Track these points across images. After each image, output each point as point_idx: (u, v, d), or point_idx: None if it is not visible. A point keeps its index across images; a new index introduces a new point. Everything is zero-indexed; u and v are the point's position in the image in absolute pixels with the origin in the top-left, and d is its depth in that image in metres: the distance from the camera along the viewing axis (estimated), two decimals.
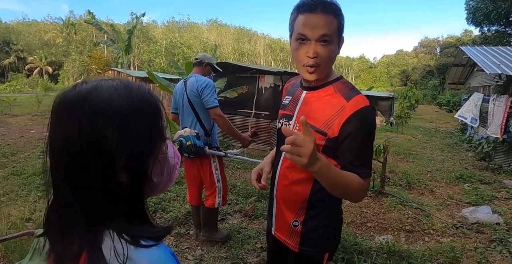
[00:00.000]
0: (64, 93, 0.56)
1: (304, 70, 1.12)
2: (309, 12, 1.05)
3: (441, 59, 42.35)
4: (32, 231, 1.57)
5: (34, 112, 12.66)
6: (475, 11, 17.02)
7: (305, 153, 0.84)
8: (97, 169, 0.53)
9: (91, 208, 0.54)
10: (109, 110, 0.53)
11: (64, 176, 0.54)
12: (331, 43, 1.08)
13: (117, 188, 0.55)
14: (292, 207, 1.26)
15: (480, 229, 3.44)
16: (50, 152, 0.56)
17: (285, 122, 1.29)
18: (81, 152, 0.52)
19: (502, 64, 6.93)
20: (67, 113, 0.53)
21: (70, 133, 0.51)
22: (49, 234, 0.59)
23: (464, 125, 10.71)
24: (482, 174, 5.72)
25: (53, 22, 51.59)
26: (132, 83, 0.59)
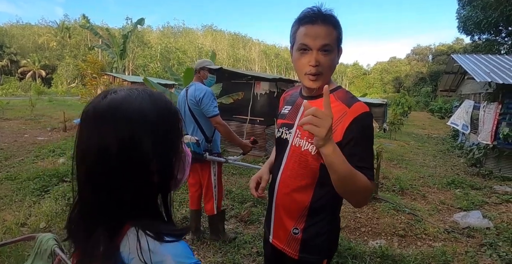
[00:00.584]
0: (95, 103, 0.60)
1: (306, 78, 1.17)
2: (310, 24, 1.11)
3: (433, 66, 42.94)
4: (34, 235, 1.61)
5: (27, 116, 12.53)
6: (466, 20, 17.37)
7: (324, 125, 0.87)
8: (134, 173, 0.58)
9: (121, 210, 0.59)
10: (142, 118, 0.58)
11: (98, 181, 0.58)
12: (331, 53, 1.14)
13: (149, 189, 0.60)
14: (292, 214, 1.27)
15: (471, 234, 3.52)
16: (81, 159, 0.59)
17: (286, 131, 1.31)
18: (120, 158, 0.57)
19: (491, 72, 7.11)
20: (103, 122, 0.58)
21: (107, 141, 0.56)
22: (73, 236, 0.63)
23: (455, 132, 10.89)
24: (473, 180, 5.84)
25: (47, 25, 51.35)
26: (153, 91, 0.65)
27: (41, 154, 6.38)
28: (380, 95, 47.60)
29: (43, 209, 3.67)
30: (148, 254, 0.55)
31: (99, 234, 0.58)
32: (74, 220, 0.64)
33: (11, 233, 3.19)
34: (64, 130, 9.48)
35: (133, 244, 0.56)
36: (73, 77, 41.01)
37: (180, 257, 0.57)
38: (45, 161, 5.89)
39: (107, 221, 0.59)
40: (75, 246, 0.65)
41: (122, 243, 0.58)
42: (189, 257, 0.58)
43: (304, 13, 1.14)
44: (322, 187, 1.20)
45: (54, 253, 1.43)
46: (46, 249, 1.44)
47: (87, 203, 0.61)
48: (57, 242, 1.50)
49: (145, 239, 0.57)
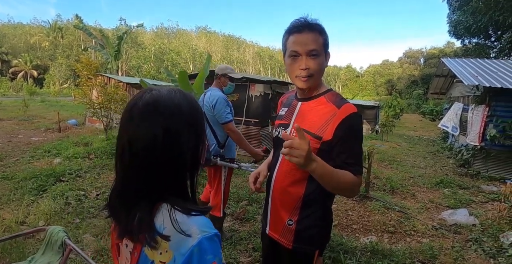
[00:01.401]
0: (141, 97, 0.72)
1: (298, 80, 1.29)
2: (298, 33, 1.25)
3: (425, 69, 43.60)
4: (44, 227, 1.70)
5: (20, 116, 12.46)
6: (456, 25, 17.74)
7: (301, 154, 1.01)
8: (174, 158, 0.70)
9: (156, 191, 0.71)
10: (181, 113, 0.71)
11: (142, 166, 0.70)
12: (319, 56, 1.26)
13: (183, 172, 0.73)
14: (287, 207, 1.37)
15: (458, 230, 3.67)
16: (128, 146, 0.70)
17: (282, 131, 1.42)
18: (165, 145, 0.69)
19: (479, 76, 7.32)
20: (151, 114, 0.69)
21: (155, 130, 0.68)
22: (114, 213, 0.76)
23: (446, 133, 11.12)
24: (462, 180, 6.02)
25: (39, 25, 50.85)
26: (185, 91, 0.78)
27: (36, 154, 6.40)
28: (373, 97, 48.09)
29: (41, 208, 3.72)
30: (177, 224, 0.67)
31: (137, 211, 0.70)
32: (114, 200, 0.76)
33: (10, 231, 3.25)
34: (58, 130, 9.47)
35: (165, 217, 0.68)
36: (66, 78, 40.66)
37: (204, 227, 0.68)
38: (41, 161, 5.92)
39: (144, 200, 0.71)
40: (114, 222, 0.78)
41: (156, 217, 0.70)
42: (210, 227, 0.69)
43: (292, 23, 1.28)
44: (314, 180, 1.28)
45: (65, 244, 1.52)
46: (56, 240, 1.53)
47: (128, 186, 0.73)
48: (67, 234, 1.59)
49: (174, 212, 0.69)
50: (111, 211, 0.77)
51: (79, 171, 5.21)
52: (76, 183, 4.70)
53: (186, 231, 0.66)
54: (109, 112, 7.95)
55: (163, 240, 0.67)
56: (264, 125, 7.24)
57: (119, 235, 0.75)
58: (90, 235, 3.22)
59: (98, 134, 8.59)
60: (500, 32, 17.16)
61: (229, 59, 52.70)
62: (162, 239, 0.67)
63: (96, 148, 6.67)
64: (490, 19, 14.96)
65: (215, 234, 0.69)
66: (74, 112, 15.31)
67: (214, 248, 0.67)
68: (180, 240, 0.66)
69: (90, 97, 7.79)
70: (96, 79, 7.94)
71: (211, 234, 0.68)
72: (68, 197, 4.11)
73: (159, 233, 0.67)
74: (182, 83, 4.63)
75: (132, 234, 0.71)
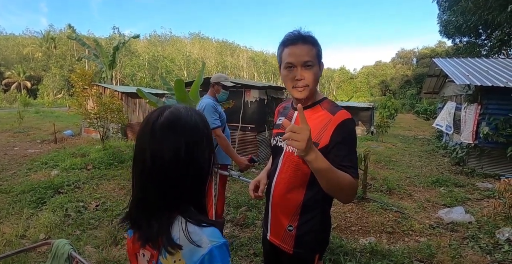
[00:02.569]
0: (162, 116, 0.78)
1: (294, 90, 1.34)
2: (292, 45, 1.31)
3: (417, 69, 44.05)
4: (50, 241, 1.73)
5: (15, 128, 12.41)
6: (447, 24, 17.99)
7: (302, 138, 1.02)
8: (193, 169, 0.78)
9: (173, 202, 0.77)
10: (199, 128, 0.79)
11: (162, 178, 0.76)
12: (313, 67, 1.31)
13: (199, 182, 0.80)
14: (287, 213, 1.40)
15: (454, 228, 3.74)
16: (151, 161, 0.76)
17: (280, 139, 1.44)
18: (186, 157, 0.76)
19: (470, 75, 7.45)
20: (173, 131, 0.76)
21: (178, 145, 0.75)
22: (134, 222, 0.83)
23: (440, 132, 11.25)
24: (457, 178, 6.10)
25: (32, 36, 50.72)
26: (196, 109, 0.86)
27: (33, 166, 6.38)
28: (367, 98, 48.41)
29: (41, 221, 3.73)
30: (188, 234, 0.74)
31: (156, 220, 0.77)
32: (133, 210, 0.82)
33: (11, 245, 3.24)
34: (54, 142, 9.45)
35: (179, 227, 0.75)
36: (60, 88, 40.51)
37: (213, 237, 0.74)
38: (38, 173, 5.90)
39: (163, 210, 0.77)
40: (134, 231, 0.84)
41: (172, 227, 0.76)
42: (219, 237, 0.75)
43: (286, 36, 1.33)
44: (312, 187, 1.34)
45: (71, 257, 1.55)
46: (63, 253, 1.56)
47: (148, 196, 0.79)
48: (72, 247, 1.62)
49: (187, 224, 0.76)
50: (131, 220, 0.83)
51: (78, 182, 5.21)
52: (75, 194, 4.70)
53: (197, 241, 0.72)
54: (106, 122, 7.96)
55: (176, 248, 0.73)
56: (261, 130, 7.30)
57: (141, 244, 0.81)
58: (91, 247, 3.23)
59: (94, 144, 8.57)
60: (490, 30, 17.43)
61: (223, 65, 52.86)
62: (176, 248, 0.73)
63: (93, 158, 6.67)
64: (480, 18, 15.20)
65: (224, 243, 0.75)
66: (70, 122, 15.25)
67: (223, 256, 0.73)
68: (192, 249, 0.72)
69: (85, 108, 7.80)
70: (92, 89, 7.95)
71: (220, 243, 0.74)
72: (68, 209, 4.11)
73: (174, 243, 0.74)
74: (179, 91, 4.67)
75: (151, 242, 0.78)
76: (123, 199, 4.54)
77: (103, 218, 3.91)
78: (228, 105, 6.07)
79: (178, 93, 4.69)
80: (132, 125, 10.50)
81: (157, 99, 5.54)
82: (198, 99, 4.89)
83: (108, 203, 4.39)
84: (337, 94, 56.18)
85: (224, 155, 3.02)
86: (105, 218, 3.92)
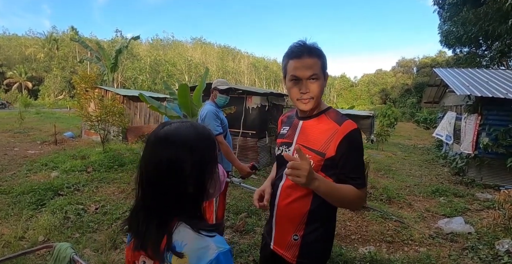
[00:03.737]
0: (156, 131, 0.85)
1: (300, 102, 1.34)
2: (297, 58, 1.29)
3: (417, 78, 44.18)
4: (51, 244, 1.73)
5: (16, 129, 12.41)
6: (447, 35, 18.11)
7: (302, 174, 1.08)
8: (176, 183, 0.80)
9: (169, 210, 0.81)
10: (184, 145, 0.80)
11: (154, 187, 0.81)
12: (318, 79, 1.30)
13: (186, 196, 0.82)
14: (292, 222, 1.39)
15: (454, 239, 3.73)
16: (144, 170, 0.82)
17: (285, 149, 1.45)
18: (167, 171, 0.79)
19: (471, 86, 7.50)
20: (159, 145, 0.81)
21: (160, 159, 0.80)
22: (132, 228, 0.86)
23: (440, 142, 11.27)
24: (456, 188, 6.11)
25: (34, 37, 50.96)
26: (198, 125, 0.88)
27: (33, 167, 6.38)
28: (368, 106, 48.52)
29: (40, 223, 3.71)
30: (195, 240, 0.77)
31: (153, 227, 0.80)
32: (134, 216, 0.85)
33: (10, 247, 3.23)
34: (55, 143, 9.45)
35: (184, 234, 0.78)
36: (61, 89, 40.61)
37: (219, 243, 0.77)
38: (38, 174, 5.90)
39: (159, 217, 0.81)
40: (132, 236, 0.87)
41: (174, 234, 0.78)
42: (225, 244, 0.79)
43: (291, 48, 1.32)
44: (318, 196, 1.32)
45: (73, 260, 1.55)
46: (65, 256, 1.56)
47: (147, 203, 0.83)
48: (74, 251, 1.62)
49: (191, 230, 0.79)
50: (130, 226, 0.87)
51: (77, 184, 5.21)
52: (74, 197, 4.69)
53: (205, 247, 0.76)
54: (107, 125, 7.98)
55: (182, 255, 0.75)
56: (261, 136, 7.31)
57: (134, 249, 0.84)
58: (90, 250, 3.22)
59: (95, 147, 8.57)
60: (490, 41, 17.53)
61: (224, 70, 53.08)
62: (177, 256, 0.75)
63: (93, 161, 6.67)
64: (480, 29, 15.32)
65: (229, 250, 0.78)
66: (70, 124, 15.28)
67: (228, 262, 0.76)
68: (199, 255, 0.75)
69: (87, 110, 7.83)
70: (94, 91, 7.98)
71: (226, 249, 0.77)
72: (67, 211, 4.11)
73: (174, 251, 0.76)
74: (182, 96, 4.68)
75: (148, 250, 0.80)
76: (122, 202, 4.54)
77: (102, 222, 3.90)
78: (230, 111, 6.09)
79: (182, 98, 4.71)
80: (133, 129, 10.52)
81: (158, 103, 5.54)
82: (201, 104, 4.91)
83: (107, 206, 4.38)
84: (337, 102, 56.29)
85: (225, 161, 3.04)
86: (104, 221, 3.91)
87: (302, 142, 1.37)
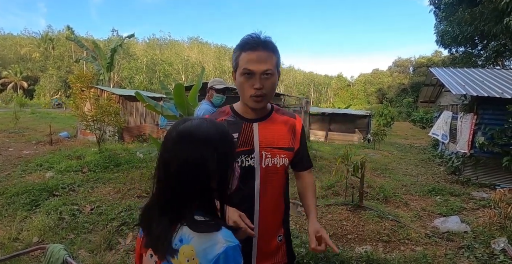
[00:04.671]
0: (178, 127, 0.84)
1: (252, 100, 1.24)
2: (252, 50, 1.19)
3: (414, 78, 44.42)
4: (45, 246, 1.70)
5: (11, 129, 12.30)
6: (443, 35, 18.18)
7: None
8: (200, 180, 0.80)
9: (185, 205, 0.81)
10: (209, 142, 0.81)
11: (175, 184, 0.80)
12: (272, 76, 1.23)
13: (209, 193, 0.83)
14: (275, 225, 1.37)
15: (450, 238, 3.74)
16: (165, 166, 0.81)
17: (246, 158, 1.28)
18: (193, 169, 0.79)
19: (466, 85, 7.53)
20: (184, 142, 0.80)
21: (186, 156, 0.79)
22: (144, 222, 0.87)
23: (436, 141, 11.32)
24: (453, 187, 6.12)
25: (30, 36, 50.55)
26: (217, 122, 0.88)
27: (28, 168, 6.32)
28: (364, 106, 48.71)
29: (35, 224, 3.68)
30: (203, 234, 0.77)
31: (165, 226, 0.80)
32: (146, 212, 0.86)
33: (4, 248, 3.20)
34: (50, 143, 9.38)
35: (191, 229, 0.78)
36: (56, 89, 40.37)
37: (228, 237, 0.77)
38: (33, 175, 5.85)
39: (173, 214, 0.80)
40: (143, 230, 0.88)
41: (179, 229, 0.78)
42: (234, 238, 0.79)
43: (245, 40, 1.22)
44: (287, 192, 1.42)
45: (66, 262, 1.53)
46: (58, 258, 1.54)
47: (163, 198, 0.83)
48: (67, 252, 1.60)
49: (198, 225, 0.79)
50: (142, 221, 0.87)
51: (73, 185, 5.16)
52: (69, 197, 4.65)
53: (213, 240, 0.76)
54: (102, 125, 7.93)
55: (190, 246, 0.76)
56: None
57: (145, 245, 0.85)
58: (85, 251, 3.19)
59: (90, 147, 8.52)
60: (486, 41, 17.63)
61: (221, 70, 53.01)
62: (172, 253, 0.77)
63: (89, 161, 6.62)
64: (476, 29, 15.38)
65: (238, 245, 0.78)
66: (66, 124, 15.19)
67: (236, 257, 0.77)
68: (207, 249, 0.74)
69: (83, 110, 7.77)
70: (90, 91, 7.93)
71: (235, 244, 0.77)
72: (62, 212, 4.07)
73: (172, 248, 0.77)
74: (178, 96, 4.67)
75: (155, 244, 0.81)
76: (118, 203, 4.50)
77: (97, 222, 3.87)
78: None
79: (177, 97, 4.69)
80: (129, 128, 10.47)
81: (155, 102, 5.52)
82: (197, 104, 4.89)
83: (103, 206, 4.34)
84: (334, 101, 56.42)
85: None
86: (99, 222, 3.88)
87: (268, 145, 1.30)
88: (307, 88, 64.91)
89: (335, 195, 5.26)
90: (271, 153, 1.29)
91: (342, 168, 4.82)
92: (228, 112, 1.37)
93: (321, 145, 12.03)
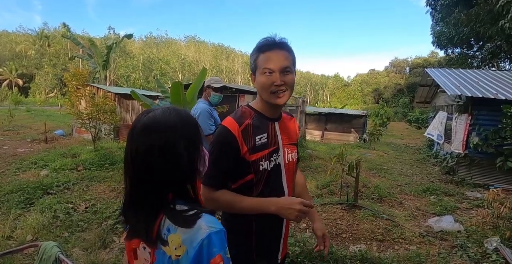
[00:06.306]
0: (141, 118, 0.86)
1: (274, 96, 1.28)
2: (269, 51, 1.26)
3: (410, 78, 44.63)
4: (37, 243, 1.69)
5: (6, 127, 12.21)
6: (439, 36, 18.27)
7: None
8: (170, 166, 0.81)
9: (159, 196, 0.82)
10: (174, 129, 0.83)
11: (145, 175, 0.82)
12: (291, 73, 1.28)
13: (181, 178, 0.85)
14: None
15: (444, 237, 3.77)
16: (131, 160, 0.83)
17: (275, 157, 1.34)
18: (161, 157, 0.81)
19: (461, 86, 7.58)
20: (148, 132, 0.82)
21: (151, 146, 0.80)
22: (125, 217, 0.88)
23: (431, 141, 11.38)
24: (447, 187, 6.17)
25: (25, 33, 50.00)
26: (179, 109, 0.89)
27: (22, 166, 6.28)
28: (360, 106, 48.87)
29: (29, 222, 3.65)
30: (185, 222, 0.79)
31: (143, 214, 0.82)
32: (126, 206, 0.88)
33: None
34: (45, 141, 9.32)
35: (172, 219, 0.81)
36: (52, 87, 40.06)
37: (210, 223, 0.79)
38: (27, 173, 5.81)
39: (148, 205, 0.82)
40: (126, 225, 0.90)
41: (165, 219, 0.81)
42: (217, 224, 0.80)
43: (261, 43, 1.29)
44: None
45: (59, 259, 1.53)
46: (50, 256, 1.54)
47: (135, 192, 0.84)
48: (60, 249, 1.60)
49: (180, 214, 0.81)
50: (124, 216, 0.89)
51: (67, 183, 5.13)
52: (64, 195, 4.63)
53: (195, 227, 0.78)
54: (98, 123, 7.89)
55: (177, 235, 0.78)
56: None
57: (128, 237, 0.87)
58: (79, 249, 3.18)
59: (86, 145, 8.47)
60: (481, 42, 17.76)
61: (218, 69, 52.90)
62: (161, 244, 0.79)
63: (84, 159, 6.58)
64: (472, 31, 15.48)
65: (222, 230, 0.79)
66: (61, 122, 15.09)
67: (220, 242, 0.78)
68: (192, 236, 0.77)
69: (78, 108, 7.73)
70: (85, 89, 7.88)
71: (218, 229, 0.79)
72: (56, 210, 4.04)
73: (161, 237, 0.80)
74: (175, 94, 4.65)
75: (139, 236, 0.84)
76: (113, 201, 4.49)
77: (92, 221, 3.86)
78: (222, 109, 6.08)
79: (174, 96, 4.68)
80: (125, 127, 10.41)
81: (151, 101, 5.51)
82: (195, 102, 4.88)
83: (98, 205, 4.33)
84: (330, 101, 56.60)
85: None
86: (94, 220, 3.87)
87: (287, 142, 1.41)
88: (304, 88, 64.92)
89: (330, 194, 5.28)
90: (290, 149, 1.41)
91: (338, 167, 4.84)
92: (250, 113, 1.35)
93: (317, 145, 12.06)
